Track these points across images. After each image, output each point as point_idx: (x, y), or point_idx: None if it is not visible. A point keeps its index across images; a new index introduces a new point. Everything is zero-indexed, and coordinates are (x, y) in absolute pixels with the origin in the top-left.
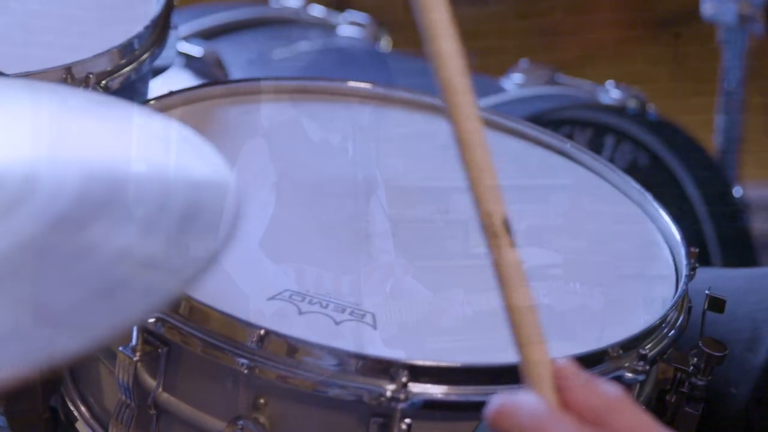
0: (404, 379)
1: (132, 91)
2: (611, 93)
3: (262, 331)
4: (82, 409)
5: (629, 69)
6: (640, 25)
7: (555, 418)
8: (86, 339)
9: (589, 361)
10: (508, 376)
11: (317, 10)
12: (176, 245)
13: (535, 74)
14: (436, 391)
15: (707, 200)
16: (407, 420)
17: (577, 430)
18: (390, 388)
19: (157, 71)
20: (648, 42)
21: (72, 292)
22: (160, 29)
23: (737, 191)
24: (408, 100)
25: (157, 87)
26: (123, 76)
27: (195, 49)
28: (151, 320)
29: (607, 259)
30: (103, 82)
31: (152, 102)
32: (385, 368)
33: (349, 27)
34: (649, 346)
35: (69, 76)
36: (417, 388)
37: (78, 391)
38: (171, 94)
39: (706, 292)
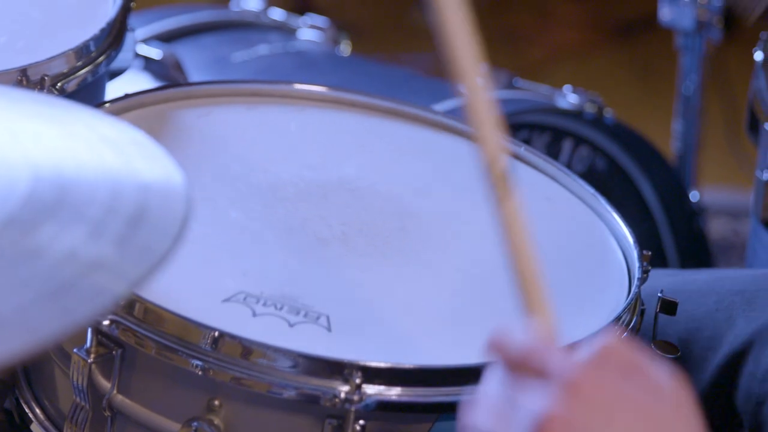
0: (358, 381)
1: (88, 93)
2: (568, 97)
3: (216, 333)
4: (37, 410)
5: (588, 73)
6: (599, 30)
7: (549, 346)
8: (33, 341)
9: None
10: (461, 377)
11: (277, 14)
12: (125, 247)
13: (493, 78)
14: (389, 392)
15: (665, 204)
16: (361, 421)
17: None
18: (344, 389)
19: (115, 74)
20: (607, 47)
21: (19, 294)
22: (116, 32)
23: (694, 196)
24: (366, 103)
25: (115, 89)
26: (79, 79)
27: (154, 52)
28: (105, 322)
29: (559, 262)
30: (59, 84)
31: (107, 105)
32: (338, 370)
33: (309, 30)
34: None
35: (24, 78)
36: (371, 389)
37: (33, 393)
38: (126, 96)
39: (659, 294)
